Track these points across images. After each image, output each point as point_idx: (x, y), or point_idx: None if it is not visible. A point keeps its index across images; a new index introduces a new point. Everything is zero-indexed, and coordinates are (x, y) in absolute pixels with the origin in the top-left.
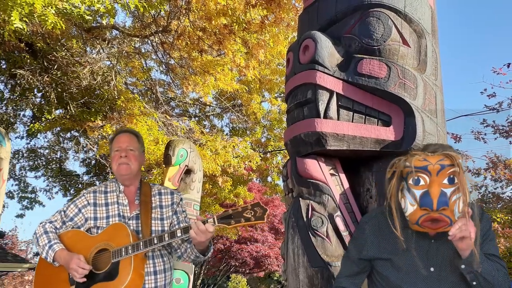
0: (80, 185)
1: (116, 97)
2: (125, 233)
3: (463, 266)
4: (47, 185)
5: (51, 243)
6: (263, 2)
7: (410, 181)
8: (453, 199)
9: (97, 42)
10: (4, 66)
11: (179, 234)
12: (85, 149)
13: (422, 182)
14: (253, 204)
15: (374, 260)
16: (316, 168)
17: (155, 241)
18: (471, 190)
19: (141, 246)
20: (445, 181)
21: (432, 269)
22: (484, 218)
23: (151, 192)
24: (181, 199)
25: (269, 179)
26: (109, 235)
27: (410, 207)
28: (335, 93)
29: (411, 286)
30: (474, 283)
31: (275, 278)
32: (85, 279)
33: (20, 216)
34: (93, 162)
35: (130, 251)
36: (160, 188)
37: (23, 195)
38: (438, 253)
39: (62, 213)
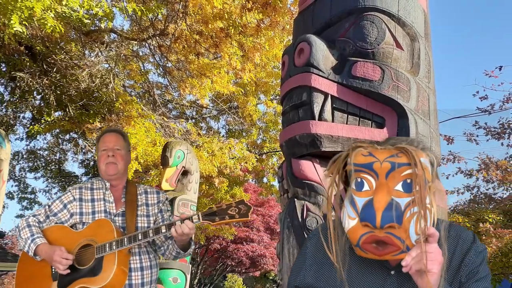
0: None
1: (114, 100)
2: (109, 228)
3: None
4: (47, 186)
5: (34, 237)
6: (259, 6)
7: (353, 185)
8: (408, 214)
9: (96, 45)
10: (4, 69)
11: (163, 231)
12: (83, 150)
13: (366, 187)
14: (238, 201)
15: None
16: (311, 169)
17: (140, 237)
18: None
19: (126, 242)
20: (398, 186)
21: None
22: (474, 246)
23: (137, 191)
24: (166, 199)
25: (264, 180)
26: (93, 230)
27: (349, 221)
28: (329, 95)
29: None
30: None
31: (271, 277)
32: (69, 271)
33: (20, 216)
34: (92, 163)
35: (114, 246)
36: (146, 187)
37: (22, 195)
38: None
39: (47, 207)
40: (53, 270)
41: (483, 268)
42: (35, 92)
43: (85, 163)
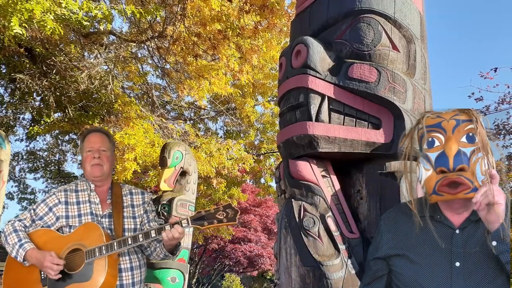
0: None
1: (113, 101)
2: (98, 233)
3: (494, 243)
4: (46, 187)
5: (22, 242)
6: (257, 8)
7: (425, 145)
8: (473, 159)
9: (95, 47)
10: (4, 71)
11: (153, 235)
12: None
13: (437, 143)
14: (225, 205)
15: (389, 258)
16: (308, 170)
17: (130, 242)
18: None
19: (115, 247)
20: (463, 139)
21: (457, 264)
22: None
23: (121, 192)
24: (151, 199)
25: (262, 180)
26: (82, 234)
27: (424, 172)
28: (326, 97)
29: (431, 285)
30: None
31: (268, 277)
32: (60, 276)
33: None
34: None
35: (104, 251)
36: (131, 188)
37: (22, 196)
38: (465, 246)
39: (32, 211)
40: (42, 275)
41: None
42: (34, 94)
43: None
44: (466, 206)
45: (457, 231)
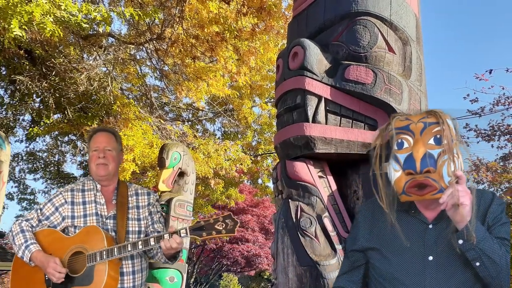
0: None
1: (112, 102)
2: (99, 237)
3: (460, 242)
4: (46, 187)
5: (28, 243)
6: (254, 10)
7: (395, 146)
8: (440, 161)
9: (94, 49)
10: (4, 72)
11: (152, 243)
12: (82, 152)
13: (405, 145)
14: (225, 216)
15: (367, 251)
16: (305, 171)
17: (129, 248)
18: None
19: (115, 252)
20: (431, 141)
21: (430, 258)
22: (495, 200)
23: (128, 192)
24: (156, 200)
25: (259, 181)
26: (84, 237)
27: (394, 173)
28: (323, 98)
29: (406, 278)
30: (477, 263)
31: (266, 276)
32: (62, 279)
33: (20, 217)
34: None
35: (104, 256)
36: (137, 188)
37: (22, 196)
38: (438, 240)
39: (39, 211)
40: (47, 276)
41: (504, 216)
42: (34, 95)
43: (83, 164)
44: (438, 202)
45: (430, 226)
